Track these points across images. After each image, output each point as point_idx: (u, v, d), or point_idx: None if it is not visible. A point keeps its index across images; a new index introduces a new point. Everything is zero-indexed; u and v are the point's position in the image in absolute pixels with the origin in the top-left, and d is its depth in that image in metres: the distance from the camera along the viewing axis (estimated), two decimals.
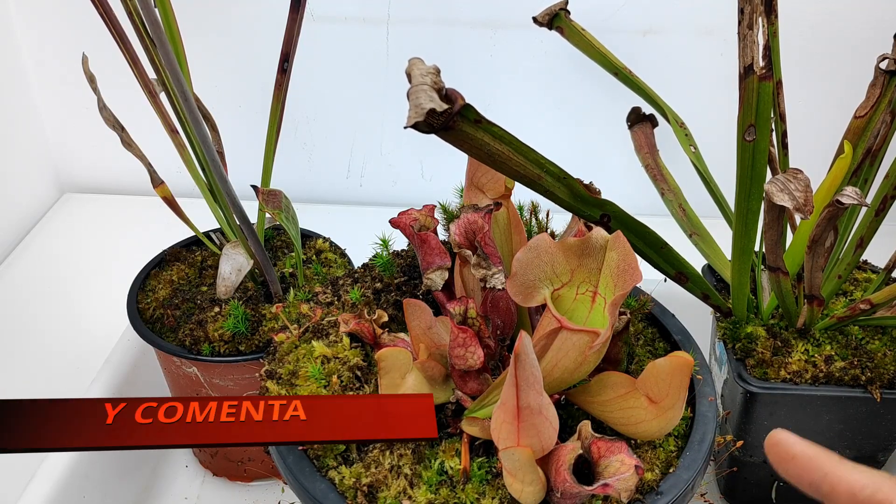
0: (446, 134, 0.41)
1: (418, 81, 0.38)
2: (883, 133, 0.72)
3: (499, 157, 0.45)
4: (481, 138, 0.43)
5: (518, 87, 1.30)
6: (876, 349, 0.75)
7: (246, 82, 1.30)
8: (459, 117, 0.40)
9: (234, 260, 0.83)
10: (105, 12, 0.73)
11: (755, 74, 0.55)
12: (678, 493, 0.52)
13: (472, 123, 0.42)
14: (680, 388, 0.50)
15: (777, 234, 0.62)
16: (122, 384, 0.90)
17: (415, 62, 0.39)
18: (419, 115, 0.37)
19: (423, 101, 0.37)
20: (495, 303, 0.57)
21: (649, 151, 0.86)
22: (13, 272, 1.23)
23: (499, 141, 0.45)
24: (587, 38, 0.80)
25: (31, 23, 1.27)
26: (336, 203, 1.43)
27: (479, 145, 0.44)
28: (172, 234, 0.96)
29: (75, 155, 1.43)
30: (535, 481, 0.48)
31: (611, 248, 0.52)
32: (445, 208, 0.70)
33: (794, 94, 0.97)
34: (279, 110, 0.81)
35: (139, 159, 0.83)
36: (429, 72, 0.38)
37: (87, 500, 0.81)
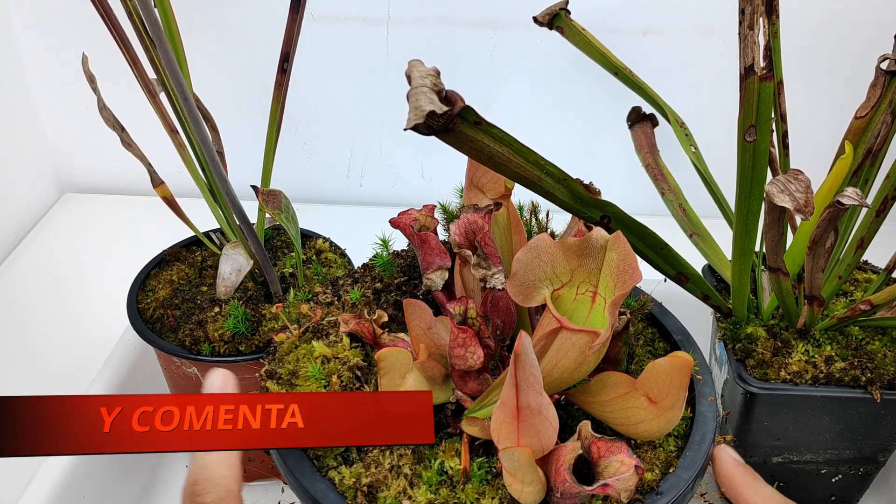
0: (446, 136, 0.41)
1: (418, 83, 0.38)
2: (883, 133, 0.72)
3: (499, 158, 0.45)
4: (481, 140, 0.43)
5: (518, 87, 1.30)
6: (876, 350, 0.75)
7: (246, 82, 1.30)
8: (459, 119, 0.40)
9: (234, 260, 0.83)
10: (105, 12, 0.73)
11: (756, 75, 0.55)
12: (678, 494, 0.52)
13: (471, 125, 0.42)
14: (680, 389, 0.50)
15: (777, 234, 0.62)
16: (122, 384, 0.90)
17: (414, 64, 0.39)
18: (419, 117, 0.37)
19: (423, 102, 0.37)
20: (495, 303, 0.57)
21: (649, 151, 0.86)
22: (13, 272, 1.23)
23: (499, 143, 0.45)
24: (587, 38, 0.80)
25: (31, 23, 1.27)
26: (336, 203, 1.43)
27: (479, 147, 0.44)
28: (172, 234, 0.96)
29: (75, 155, 1.43)
30: (535, 481, 0.48)
31: (611, 248, 0.52)
32: (445, 208, 0.70)
33: (795, 94, 0.97)
34: (279, 110, 0.81)
35: (139, 159, 0.83)
36: (429, 74, 0.38)
37: (87, 500, 0.81)
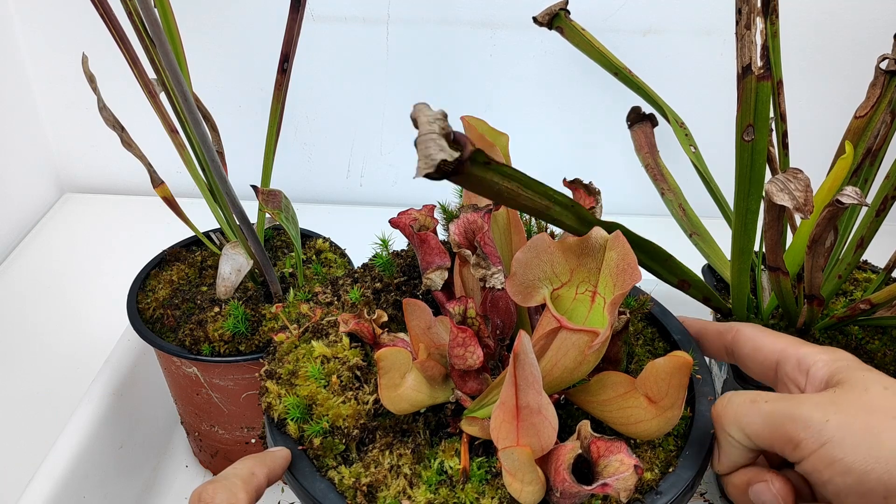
0: (456, 178, 0.41)
1: (426, 129, 0.37)
2: (883, 133, 0.72)
3: (508, 194, 0.46)
4: (490, 179, 0.44)
5: (518, 88, 1.30)
6: (876, 349, 0.75)
7: (246, 82, 1.30)
8: (469, 162, 0.40)
9: (233, 260, 0.84)
10: (105, 12, 0.73)
11: (753, 74, 0.55)
12: (678, 493, 0.52)
13: (481, 166, 0.42)
14: (679, 388, 0.50)
15: (777, 233, 0.62)
16: (122, 384, 0.90)
17: (420, 108, 0.38)
18: (430, 166, 0.37)
19: (434, 151, 0.37)
20: (495, 302, 0.57)
21: (649, 151, 0.86)
22: (13, 272, 1.23)
23: (508, 179, 0.45)
24: (587, 38, 0.80)
25: (31, 22, 1.27)
26: (336, 203, 1.43)
27: (489, 185, 0.44)
28: (172, 234, 0.96)
29: (75, 155, 1.43)
30: (535, 481, 0.48)
31: (610, 248, 0.52)
32: (445, 208, 0.70)
33: (795, 94, 0.97)
34: (279, 110, 0.81)
35: (139, 159, 0.83)
36: (436, 118, 0.38)
37: (87, 500, 0.81)
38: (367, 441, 0.56)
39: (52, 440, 0.81)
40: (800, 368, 0.54)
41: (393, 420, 0.57)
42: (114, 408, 0.88)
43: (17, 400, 1.01)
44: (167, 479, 0.94)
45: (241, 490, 0.49)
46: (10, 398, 1.01)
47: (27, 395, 1.02)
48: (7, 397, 1.01)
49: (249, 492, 0.50)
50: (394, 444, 0.56)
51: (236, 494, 0.49)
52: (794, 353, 0.55)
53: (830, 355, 0.53)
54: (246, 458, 0.53)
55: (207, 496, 0.48)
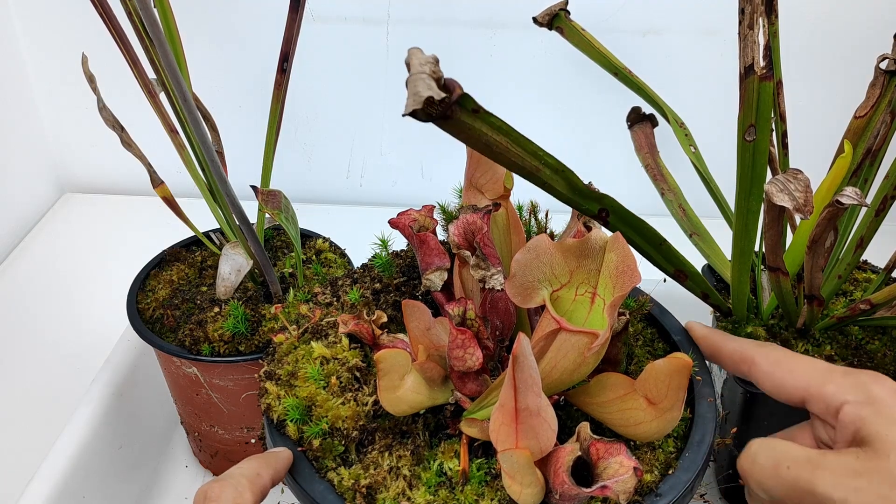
0: (444, 123, 0.41)
1: (417, 70, 0.38)
2: (883, 133, 0.72)
3: (496, 147, 0.45)
4: (479, 128, 0.43)
5: (518, 88, 1.29)
6: (876, 349, 0.75)
7: (246, 82, 1.30)
8: (457, 106, 0.40)
9: (233, 260, 0.83)
10: (105, 12, 0.73)
11: (756, 74, 0.55)
12: (677, 495, 0.52)
13: (469, 113, 0.42)
14: (679, 389, 0.50)
15: (777, 234, 0.62)
16: (122, 384, 0.90)
17: (414, 52, 0.38)
18: (417, 102, 0.37)
19: (422, 89, 0.37)
20: (494, 304, 0.57)
21: (649, 151, 0.86)
22: (13, 272, 1.23)
23: (497, 131, 0.44)
24: (587, 38, 0.80)
25: (31, 23, 1.27)
26: (336, 203, 1.43)
27: (477, 135, 0.43)
28: (172, 234, 0.96)
29: (75, 155, 1.43)
30: (534, 483, 0.48)
31: (610, 250, 0.52)
32: (444, 209, 0.70)
33: (795, 94, 0.97)
34: (279, 110, 0.81)
35: (139, 159, 0.83)
36: (428, 61, 0.38)
37: (87, 500, 0.81)
38: (367, 442, 0.56)
39: (52, 440, 0.81)
40: (828, 411, 0.53)
41: (392, 421, 0.57)
42: (114, 408, 0.88)
43: (17, 400, 1.01)
44: (167, 480, 0.94)
45: (247, 490, 0.49)
46: (10, 398, 1.01)
47: (27, 395, 1.02)
48: (7, 397, 1.01)
49: (255, 492, 0.50)
50: (393, 445, 0.56)
51: (243, 494, 0.49)
52: (820, 394, 0.54)
53: (856, 394, 0.52)
54: (251, 459, 0.52)
55: (213, 494, 0.48)
